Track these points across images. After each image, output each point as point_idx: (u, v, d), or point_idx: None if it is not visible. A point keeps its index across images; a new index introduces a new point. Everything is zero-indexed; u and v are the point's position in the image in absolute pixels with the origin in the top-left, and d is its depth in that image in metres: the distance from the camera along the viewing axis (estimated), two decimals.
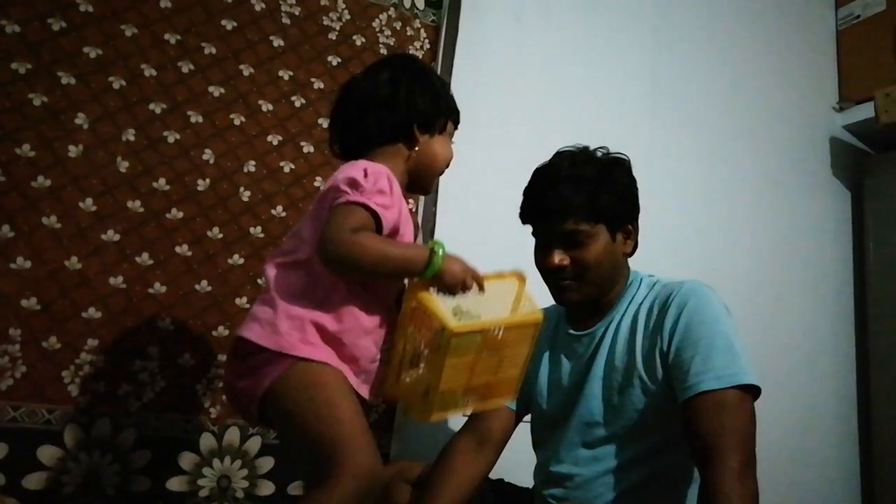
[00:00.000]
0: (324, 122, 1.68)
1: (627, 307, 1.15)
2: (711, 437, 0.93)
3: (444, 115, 1.12)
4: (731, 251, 2.34)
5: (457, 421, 1.24)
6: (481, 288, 0.95)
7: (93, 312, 1.37)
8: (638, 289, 1.17)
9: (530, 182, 1.19)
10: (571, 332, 1.19)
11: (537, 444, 1.26)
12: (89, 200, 1.40)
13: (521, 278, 1.02)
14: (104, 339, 1.38)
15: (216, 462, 1.45)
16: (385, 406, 1.68)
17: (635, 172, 1.19)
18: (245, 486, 1.48)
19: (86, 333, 1.36)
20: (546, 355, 1.23)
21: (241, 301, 1.52)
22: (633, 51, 2.29)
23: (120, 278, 1.41)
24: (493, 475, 1.26)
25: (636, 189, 1.19)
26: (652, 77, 2.30)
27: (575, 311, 1.22)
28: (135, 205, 1.45)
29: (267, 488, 1.49)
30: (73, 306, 1.36)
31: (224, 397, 1.07)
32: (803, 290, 2.49)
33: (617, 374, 1.11)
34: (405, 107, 1.07)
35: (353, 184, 0.94)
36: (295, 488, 1.52)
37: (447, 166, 1.14)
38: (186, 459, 1.42)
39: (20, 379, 1.29)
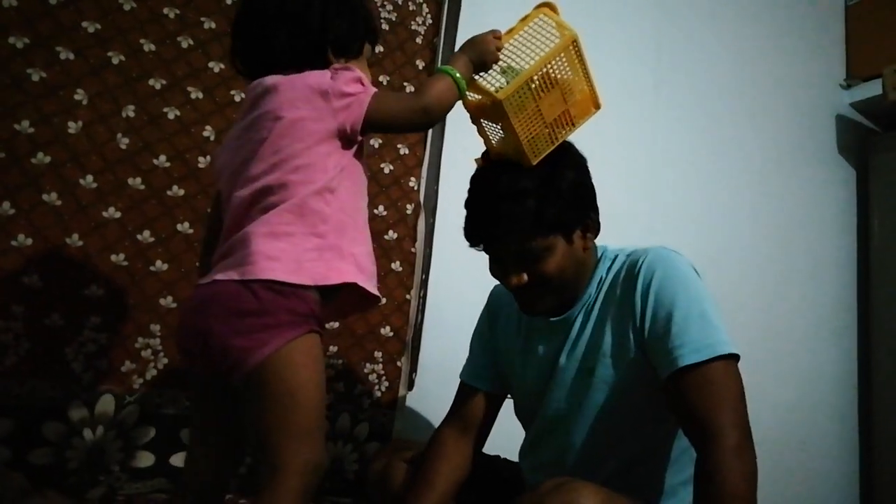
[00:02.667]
0: None
1: (597, 286, 1.11)
2: (704, 416, 0.90)
3: (363, 37, 1.02)
4: (734, 228, 2.33)
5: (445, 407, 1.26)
6: (499, 49, 1.04)
7: (95, 290, 1.37)
8: (606, 265, 1.12)
9: (468, 197, 1.08)
10: (545, 318, 1.15)
11: (523, 426, 1.26)
12: (90, 177, 1.39)
13: (549, 6, 1.05)
14: (106, 316, 1.38)
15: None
16: (388, 384, 1.69)
17: (637, 147, 1.16)
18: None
19: (88, 311, 1.36)
20: (521, 342, 1.20)
21: None
22: (638, 25, 2.26)
23: (122, 256, 1.41)
24: (490, 451, 1.27)
25: (587, 179, 1.09)
26: (656, 52, 2.28)
27: None
28: (135, 182, 1.44)
29: None
30: (74, 283, 1.36)
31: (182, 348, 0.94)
32: (806, 269, 2.48)
33: (587, 354, 1.08)
34: (318, 28, 0.97)
35: (360, 81, 0.94)
36: None
37: None
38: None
39: (24, 356, 1.29)
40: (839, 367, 2.50)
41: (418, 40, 1.84)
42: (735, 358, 0.95)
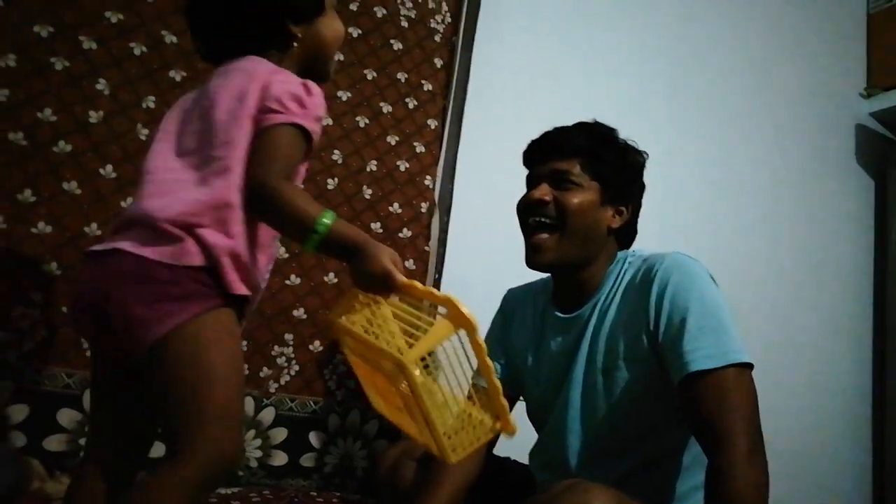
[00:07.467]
0: (343, 95, 1.67)
1: (612, 286, 1.11)
2: (716, 422, 0.90)
3: None
4: (752, 236, 2.31)
5: None
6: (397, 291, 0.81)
7: None
8: (623, 267, 1.12)
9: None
10: (558, 314, 1.16)
11: (535, 427, 1.25)
12: (109, 167, 1.40)
13: (453, 323, 0.77)
14: None
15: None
16: None
17: (653, 152, 1.18)
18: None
19: None
20: (535, 341, 1.20)
21: None
22: (656, 29, 2.25)
23: None
24: (501, 454, 1.26)
25: (642, 180, 1.18)
26: (673, 56, 2.26)
27: (559, 291, 1.18)
28: None
29: None
30: None
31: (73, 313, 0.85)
32: (822, 279, 2.46)
33: (602, 357, 1.08)
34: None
35: (299, 101, 0.84)
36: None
37: (340, 44, 0.98)
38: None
39: (41, 343, 1.30)
40: (854, 377, 2.48)
41: (437, 38, 1.84)
42: (749, 367, 0.95)
